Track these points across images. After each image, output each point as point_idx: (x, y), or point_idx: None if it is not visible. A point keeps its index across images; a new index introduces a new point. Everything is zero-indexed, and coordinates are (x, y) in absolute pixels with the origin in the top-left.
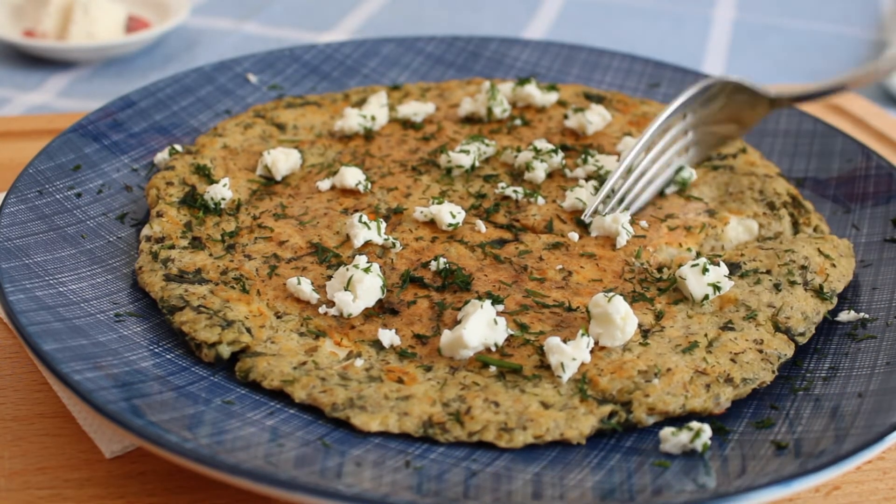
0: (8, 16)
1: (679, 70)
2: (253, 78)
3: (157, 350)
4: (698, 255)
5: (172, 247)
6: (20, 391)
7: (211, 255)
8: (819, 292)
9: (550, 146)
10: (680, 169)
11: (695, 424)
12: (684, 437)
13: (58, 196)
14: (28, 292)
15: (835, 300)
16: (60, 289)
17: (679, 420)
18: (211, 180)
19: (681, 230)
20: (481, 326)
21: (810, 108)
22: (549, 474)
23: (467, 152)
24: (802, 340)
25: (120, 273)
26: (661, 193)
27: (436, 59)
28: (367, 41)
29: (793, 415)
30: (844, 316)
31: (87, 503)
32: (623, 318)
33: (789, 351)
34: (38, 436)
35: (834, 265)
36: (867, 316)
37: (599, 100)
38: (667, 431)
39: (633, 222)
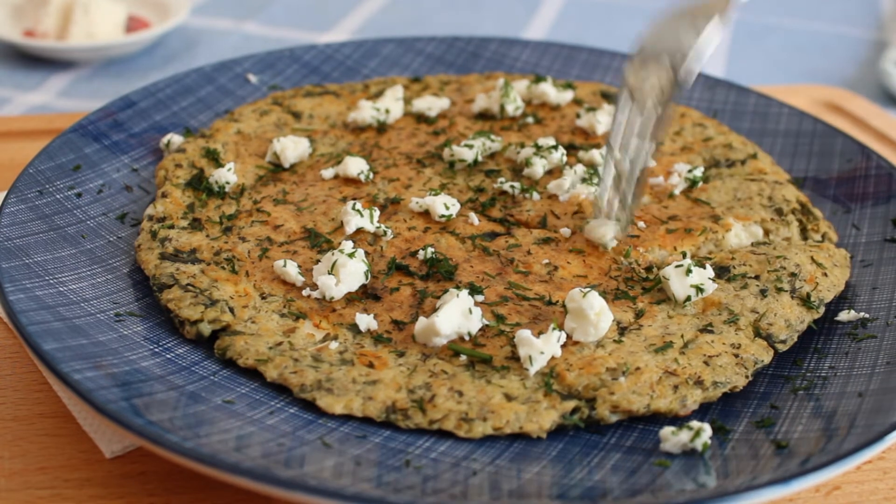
0: (8, 16)
1: None
2: (253, 78)
3: (157, 349)
4: (684, 256)
5: (172, 227)
6: (20, 391)
7: (208, 236)
8: (806, 301)
9: (551, 142)
10: (692, 168)
11: (695, 424)
12: (684, 436)
13: (58, 196)
14: (28, 292)
15: (822, 309)
16: (60, 288)
17: (652, 420)
18: (219, 164)
19: (680, 232)
20: (456, 315)
21: (810, 107)
22: (549, 473)
23: (471, 147)
24: (783, 347)
25: (120, 273)
26: (670, 196)
27: (436, 60)
28: (368, 41)
29: (793, 414)
30: (844, 316)
31: (87, 503)
32: (597, 314)
33: (767, 357)
34: (38, 436)
35: (825, 274)
36: (867, 315)
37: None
38: (667, 431)
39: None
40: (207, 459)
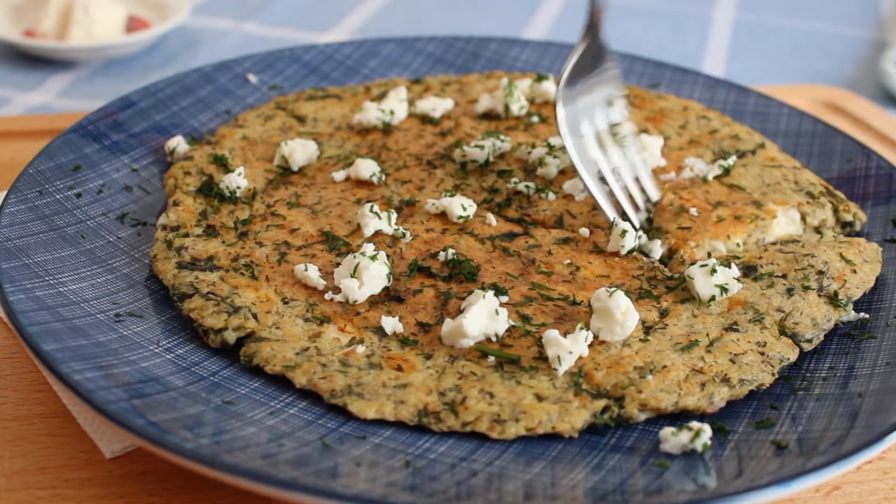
0: (8, 16)
1: (679, 70)
2: (253, 78)
3: (157, 350)
4: (713, 257)
5: (187, 235)
6: (20, 391)
7: (224, 242)
8: (833, 299)
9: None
10: (726, 156)
11: (695, 424)
12: (684, 437)
13: (58, 196)
14: (28, 292)
15: (850, 307)
16: (60, 289)
17: (679, 419)
18: (228, 170)
19: (730, 220)
20: (482, 316)
21: (810, 107)
22: (550, 474)
23: (482, 147)
24: (809, 347)
25: (120, 273)
26: (704, 179)
27: (436, 60)
28: (367, 41)
29: (793, 415)
30: (844, 316)
31: (87, 503)
32: (623, 313)
33: (792, 355)
34: (38, 436)
35: (855, 271)
36: (867, 316)
37: None
38: (667, 431)
39: (683, 210)
40: (207, 460)
